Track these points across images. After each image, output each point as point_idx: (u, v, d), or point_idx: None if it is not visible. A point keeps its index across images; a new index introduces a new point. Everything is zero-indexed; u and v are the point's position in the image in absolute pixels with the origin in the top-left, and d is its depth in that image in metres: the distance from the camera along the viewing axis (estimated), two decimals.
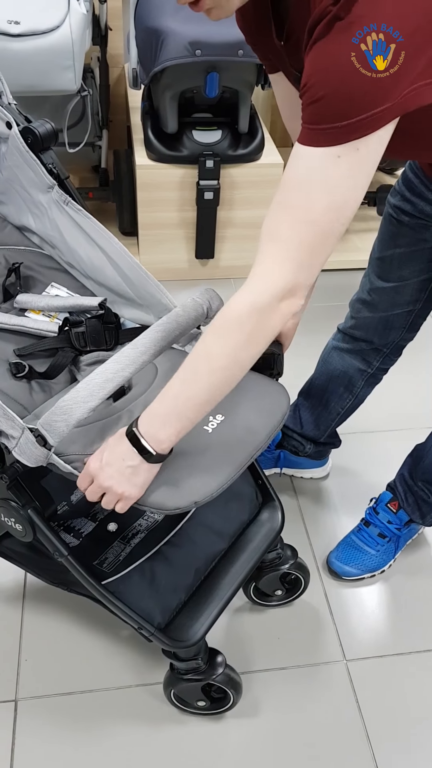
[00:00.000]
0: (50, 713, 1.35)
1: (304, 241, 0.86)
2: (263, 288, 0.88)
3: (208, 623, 1.18)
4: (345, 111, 0.79)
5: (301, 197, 0.85)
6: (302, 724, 1.36)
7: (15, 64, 1.96)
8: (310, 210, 0.84)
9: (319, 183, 0.84)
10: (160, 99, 2.23)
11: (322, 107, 0.81)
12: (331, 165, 0.82)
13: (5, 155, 1.28)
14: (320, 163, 0.83)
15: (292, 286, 0.88)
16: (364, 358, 1.56)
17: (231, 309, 0.90)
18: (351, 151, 0.81)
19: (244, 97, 2.24)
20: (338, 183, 0.84)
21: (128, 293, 1.26)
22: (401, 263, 1.36)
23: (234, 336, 0.90)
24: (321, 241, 0.86)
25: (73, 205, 1.25)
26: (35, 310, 1.29)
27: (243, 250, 2.50)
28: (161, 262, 2.49)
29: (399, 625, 1.54)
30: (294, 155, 0.86)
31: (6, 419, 0.98)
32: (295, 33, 0.92)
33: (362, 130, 0.80)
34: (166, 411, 0.93)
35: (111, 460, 0.95)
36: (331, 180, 0.83)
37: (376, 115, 0.79)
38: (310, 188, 0.84)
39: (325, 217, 0.85)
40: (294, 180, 0.85)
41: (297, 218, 0.85)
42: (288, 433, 1.75)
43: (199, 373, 0.92)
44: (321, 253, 0.88)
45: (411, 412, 2.04)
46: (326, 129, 0.81)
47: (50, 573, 1.25)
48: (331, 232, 0.86)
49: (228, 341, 0.90)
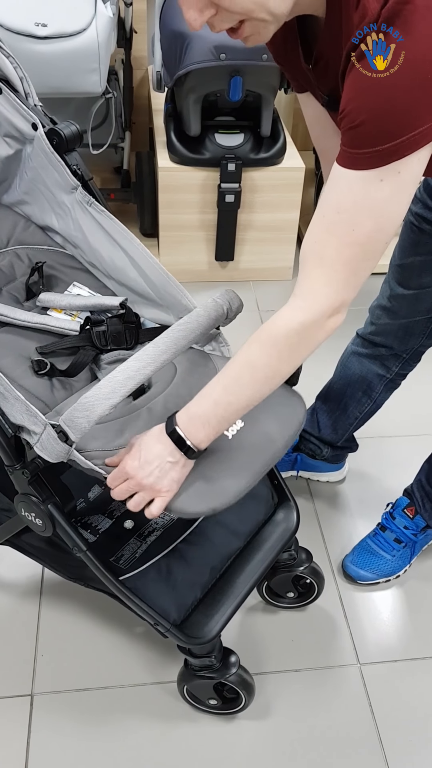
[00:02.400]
0: (65, 709, 1.37)
1: (351, 261, 0.89)
2: (312, 307, 0.91)
3: (223, 621, 1.19)
4: (384, 135, 0.80)
5: (346, 221, 0.87)
6: (315, 726, 1.36)
7: (41, 66, 1.99)
8: (355, 233, 0.87)
9: (364, 207, 0.86)
10: (183, 102, 2.25)
11: (362, 132, 0.82)
12: (374, 189, 0.84)
13: (30, 156, 1.30)
14: (363, 187, 0.84)
15: (339, 305, 0.92)
16: (383, 364, 1.56)
17: (279, 325, 0.94)
18: (392, 174, 0.83)
19: (267, 100, 2.25)
20: (382, 206, 0.86)
21: (149, 293, 1.27)
22: (422, 271, 1.36)
23: (280, 350, 0.94)
24: (366, 260, 0.90)
25: (96, 206, 1.27)
26: (57, 309, 1.31)
27: (262, 253, 2.51)
28: (181, 264, 2.50)
29: (413, 631, 1.53)
30: (335, 177, 0.87)
31: (29, 415, 0.99)
32: (324, 57, 0.92)
33: (402, 152, 0.81)
34: (206, 413, 0.97)
35: (150, 458, 0.98)
36: (375, 204, 0.85)
37: (414, 137, 0.80)
38: (355, 212, 0.86)
39: (370, 238, 0.87)
40: (338, 203, 0.87)
41: (343, 241, 0.88)
42: (305, 436, 1.76)
43: (241, 382, 0.96)
44: (366, 270, 0.91)
45: (429, 417, 2.03)
46: (367, 153, 0.82)
47: (68, 568, 1.26)
48: (376, 250, 0.89)
49: (273, 355, 0.95)
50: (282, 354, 0.94)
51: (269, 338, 0.95)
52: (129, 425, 1.08)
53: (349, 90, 0.82)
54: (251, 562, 1.26)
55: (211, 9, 0.81)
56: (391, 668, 1.46)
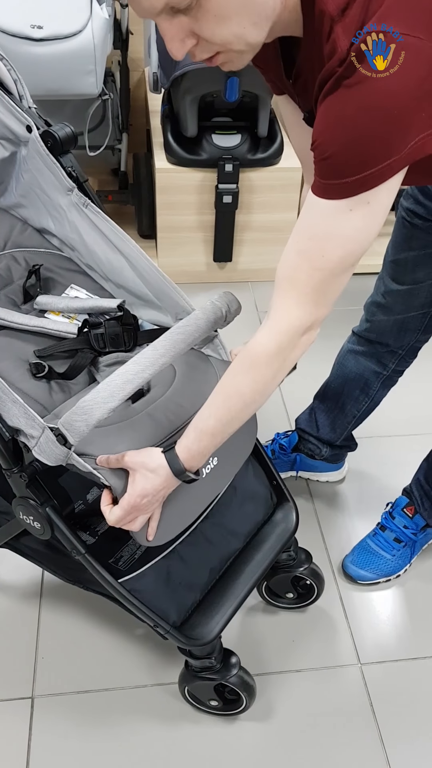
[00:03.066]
0: (66, 711, 1.37)
1: (321, 284, 0.93)
2: (286, 331, 0.95)
3: (223, 621, 1.19)
4: (354, 166, 0.82)
5: (316, 247, 0.90)
6: (316, 726, 1.36)
7: (37, 69, 1.98)
8: (324, 258, 0.90)
9: (334, 235, 0.89)
10: (180, 103, 2.25)
11: (332, 164, 0.84)
12: (344, 218, 0.87)
13: (26, 159, 1.30)
14: (334, 216, 0.87)
15: (310, 323, 0.95)
16: (379, 361, 1.56)
17: (257, 352, 0.98)
18: (362, 204, 0.85)
19: (263, 101, 2.25)
20: (352, 234, 0.89)
21: (147, 295, 1.27)
22: (415, 266, 1.37)
23: (263, 374, 0.99)
24: (336, 281, 0.93)
25: (92, 207, 1.27)
26: (55, 312, 1.31)
27: (261, 254, 2.51)
28: (179, 265, 2.50)
29: (414, 630, 1.53)
30: (309, 204, 0.90)
31: (26, 418, 0.99)
32: (303, 75, 0.93)
33: (370, 183, 0.83)
34: (206, 447, 1.03)
35: (151, 491, 1.02)
36: (345, 232, 0.89)
37: (381, 169, 0.82)
38: (326, 240, 0.90)
39: (340, 263, 0.91)
40: (310, 231, 0.91)
41: (313, 265, 0.91)
42: (304, 436, 1.76)
43: (234, 411, 1.01)
44: (336, 290, 0.95)
45: (428, 416, 2.03)
46: (336, 184, 0.85)
47: (67, 571, 1.26)
48: (345, 271, 0.93)
49: (258, 379, 0.99)
50: (265, 376, 0.99)
51: (251, 365, 0.99)
52: (128, 429, 1.08)
53: (320, 122, 0.84)
54: (250, 562, 1.26)
55: (192, 39, 0.83)
56: (392, 668, 1.46)
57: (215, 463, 1.13)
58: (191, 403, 1.12)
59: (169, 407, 1.12)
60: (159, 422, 1.09)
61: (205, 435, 1.02)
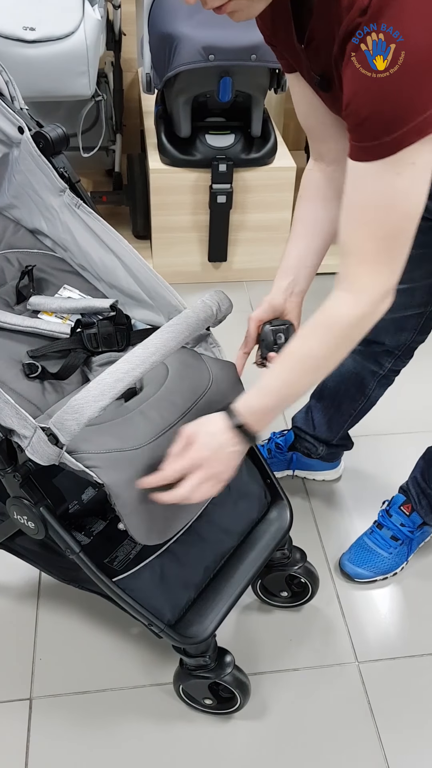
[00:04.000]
0: (64, 712, 1.37)
1: (389, 251, 0.94)
2: (365, 300, 0.97)
3: (217, 620, 1.19)
4: (390, 127, 0.83)
5: (375, 217, 0.92)
6: (313, 725, 1.36)
7: (30, 70, 1.99)
8: (386, 224, 0.92)
9: (389, 202, 0.90)
10: (173, 103, 2.25)
11: (369, 127, 0.84)
12: (392, 181, 0.88)
13: (18, 160, 1.30)
14: (383, 182, 0.88)
15: (387, 289, 0.97)
16: (376, 360, 1.56)
17: (336, 321, 0.99)
18: (407, 166, 0.86)
19: (257, 101, 2.26)
20: (404, 197, 0.90)
21: (139, 294, 1.27)
22: (412, 265, 1.36)
23: (339, 342, 1.01)
24: (401, 245, 0.94)
25: (84, 208, 1.27)
26: (48, 312, 1.31)
27: (255, 253, 2.51)
28: (174, 265, 2.51)
29: (411, 628, 1.53)
30: (353, 174, 0.91)
31: (19, 419, 0.99)
32: (317, 38, 0.93)
33: (409, 139, 0.83)
34: (268, 407, 1.04)
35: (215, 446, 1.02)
36: (397, 195, 0.89)
37: (419, 124, 0.82)
38: (382, 208, 0.91)
39: (401, 227, 0.92)
40: (364, 202, 0.92)
41: (377, 235, 0.93)
42: (300, 434, 1.76)
43: (302, 375, 1.03)
44: (404, 253, 0.95)
45: (424, 415, 2.03)
46: (377, 145, 0.85)
47: (62, 570, 1.26)
48: (408, 234, 0.94)
49: (332, 346, 1.01)
50: (340, 344, 1.01)
51: (328, 333, 1.00)
52: (121, 426, 1.08)
53: (350, 86, 0.84)
54: (245, 561, 1.26)
55: None
56: (389, 666, 1.46)
57: None
58: (184, 401, 1.12)
59: (162, 405, 1.12)
60: (152, 420, 1.09)
61: (269, 394, 1.03)
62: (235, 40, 2.05)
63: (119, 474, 1.02)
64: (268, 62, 2.10)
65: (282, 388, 1.03)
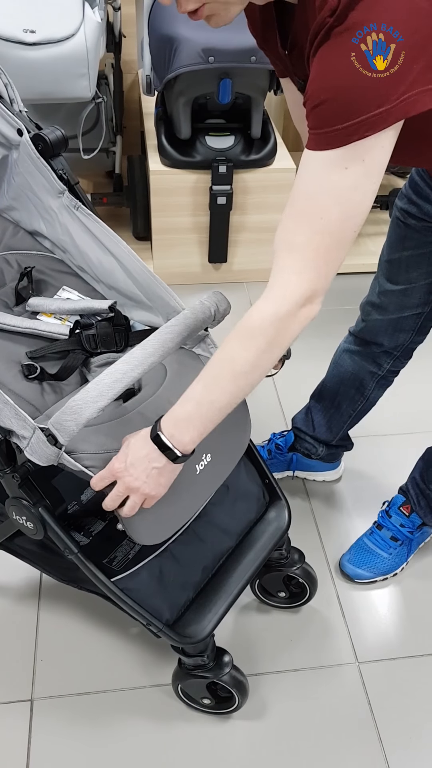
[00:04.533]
0: (65, 713, 1.37)
1: (320, 249, 0.90)
2: (283, 297, 0.92)
3: (215, 620, 1.20)
4: (345, 113, 0.81)
5: (313, 208, 0.88)
6: (313, 725, 1.36)
7: (31, 73, 1.99)
8: (324, 220, 0.88)
9: (331, 193, 0.87)
10: (173, 105, 2.26)
11: (323, 111, 0.83)
12: (339, 175, 0.85)
13: (17, 162, 1.30)
14: (329, 171, 0.86)
15: (310, 294, 0.92)
16: (374, 361, 1.56)
17: (253, 318, 0.94)
18: (357, 162, 0.84)
19: (256, 102, 2.26)
20: (348, 194, 0.87)
21: (138, 296, 1.28)
22: (409, 266, 1.37)
23: (256, 343, 0.94)
24: (336, 248, 0.90)
25: (83, 209, 1.27)
26: (47, 313, 1.31)
27: (255, 254, 2.52)
28: (175, 267, 2.51)
29: (411, 628, 1.53)
30: (303, 162, 0.88)
31: (18, 419, 1.00)
32: (298, 43, 0.93)
33: (362, 131, 0.82)
34: (189, 415, 0.97)
35: (136, 462, 0.98)
36: (341, 191, 0.87)
37: (375, 116, 0.81)
38: (322, 200, 0.87)
39: (339, 226, 0.88)
40: (306, 191, 0.89)
41: (312, 228, 0.89)
42: (300, 435, 1.76)
43: (221, 379, 0.97)
44: (336, 259, 0.91)
45: (424, 415, 2.03)
46: (329, 132, 0.83)
47: (61, 571, 1.27)
48: (345, 239, 0.90)
49: (251, 348, 0.94)
50: (259, 347, 0.94)
51: (246, 332, 0.95)
52: (119, 428, 1.09)
53: (313, 74, 0.84)
54: (243, 561, 1.26)
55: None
56: (389, 666, 1.46)
57: (209, 460, 1.12)
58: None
59: (160, 405, 1.12)
60: (150, 420, 1.09)
61: (189, 402, 0.97)
62: (234, 42, 2.06)
63: None
64: (268, 64, 2.07)
65: (203, 394, 0.96)
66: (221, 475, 1.19)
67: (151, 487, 0.99)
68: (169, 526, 1.14)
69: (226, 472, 1.21)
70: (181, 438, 0.97)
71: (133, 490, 0.99)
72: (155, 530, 1.10)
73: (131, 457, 0.99)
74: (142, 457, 0.98)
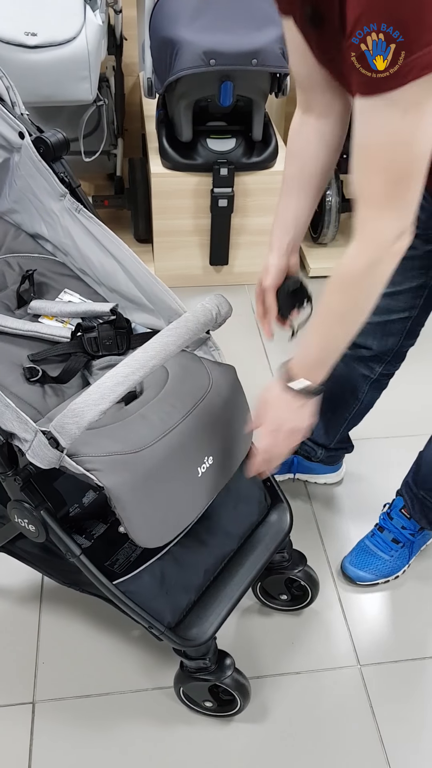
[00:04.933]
0: (67, 716, 1.37)
1: (394, 192, 0.92)
2: (372, 245, 0.96)
3: (217, 622, 1.20)
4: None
5: (385, 157, 0.90)
6: (315, 728, 1.36)
7: (32, 75, 1.99)
8: (393, 164, 0.90)
9: (394, 138, 0.88)
10: (174, 108, 2.26)
11: None
12: (399, 119, 0.85)
13: (18, 165, 1.31)
14: (388, 117, 0.86)
15: (399, 232, 0.95)
16: (365, 364, 1.55)
17: (347, 270, 0.99)
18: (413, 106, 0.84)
19: (258, 105, 2.26)
20: (411, 135, 0.87)
21: (139, 298, 1.28)
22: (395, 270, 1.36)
23: (357, 292, 1.01)
24: (413, 185, 0.92)
25: (84, 212, 1.28)
26: (48, 316, 1.32)
27: (257, 257, 2.51)
28: (176, 269, 2.51)
29: (413, 631, 1.53)
30: (360, 113, 0.88)
31: (19, 422, 1.00)
32: None
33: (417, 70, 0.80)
34: (317, 356, 1.08)
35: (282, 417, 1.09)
36: (404, 134, 0.87)
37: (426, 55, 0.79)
38: (387, 145, 0.89)
39: (407, 166, 0.90)
40: (368, 140, 0.90)
41: (382, 175, 0.91)
42: None
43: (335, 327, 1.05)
44: (413, 197, 0.93)
45: (425, 417, 2.03)
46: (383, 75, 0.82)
47: (63, 573, 1.27)
48: (417, 176, 0.91)
49: (351, 298, 1.01)
50: (357, 295, 1.01)
51: (342, 285, 1.01)
52: (121, 430, 1.09)
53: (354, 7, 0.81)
54: (245, 563, 1.26)
55: None
56: (391, 669, 1.46)
57: (211, 463, 1.13)
58: (184, 404, 1.12)
59: (162, 408, 1.12)
60: (152, 423, 1.10)
61: (311, 347, 1.07)
62: (235, 44, 2.06)
63: (120, 477, 1.02)
64: (269, 67, 2.11)
65: (321, 342, 1.06)
66: (223, 478, 1.20)
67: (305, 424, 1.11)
68: (171, 529, 1.14)
69: (228, 475, 1.21)
70: (316, 378, 1.09)
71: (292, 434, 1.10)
72: (157, 533, 1.10)
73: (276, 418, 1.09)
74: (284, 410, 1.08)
